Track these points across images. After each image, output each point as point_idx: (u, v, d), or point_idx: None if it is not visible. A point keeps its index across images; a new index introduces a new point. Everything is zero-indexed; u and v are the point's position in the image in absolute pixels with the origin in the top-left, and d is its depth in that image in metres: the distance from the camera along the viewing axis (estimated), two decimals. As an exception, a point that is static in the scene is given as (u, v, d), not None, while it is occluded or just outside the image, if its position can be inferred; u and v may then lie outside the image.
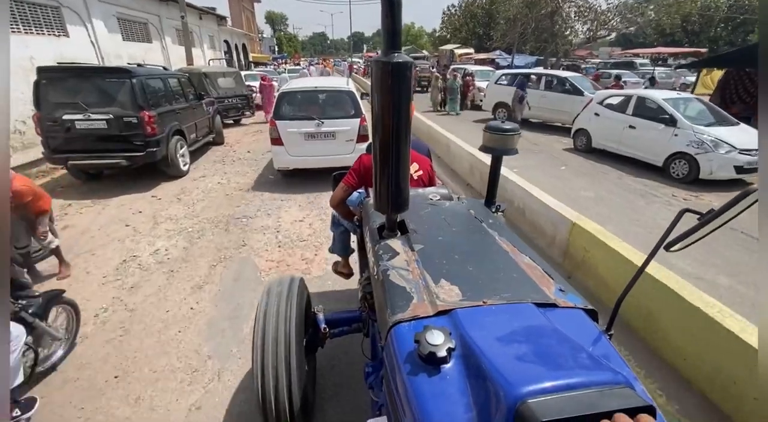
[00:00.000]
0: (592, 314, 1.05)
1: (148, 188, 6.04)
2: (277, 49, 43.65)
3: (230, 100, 10.87)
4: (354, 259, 2.87)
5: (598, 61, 30.40)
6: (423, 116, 9.12)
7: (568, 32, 19.00)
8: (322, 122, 5.70)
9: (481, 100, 13.58)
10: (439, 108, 13.92)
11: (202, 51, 16.52)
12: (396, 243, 1.37)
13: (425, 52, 37.12)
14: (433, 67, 22.00)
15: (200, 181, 6.41)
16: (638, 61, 27.81)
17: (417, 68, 20.79)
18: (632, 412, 0.62)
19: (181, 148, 6.60)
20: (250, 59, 26.77)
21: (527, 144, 8.98)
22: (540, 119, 11.13)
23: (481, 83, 14.53)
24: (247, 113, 11.80)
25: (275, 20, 75.31)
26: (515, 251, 1.32)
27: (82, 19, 8.18)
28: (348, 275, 2.89)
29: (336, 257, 2.97)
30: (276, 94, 6.94)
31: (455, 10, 34.39)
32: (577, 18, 17.40)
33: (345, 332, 2.06)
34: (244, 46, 26.57)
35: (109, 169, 6.16)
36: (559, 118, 10.58)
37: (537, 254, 1.33)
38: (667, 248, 1.03)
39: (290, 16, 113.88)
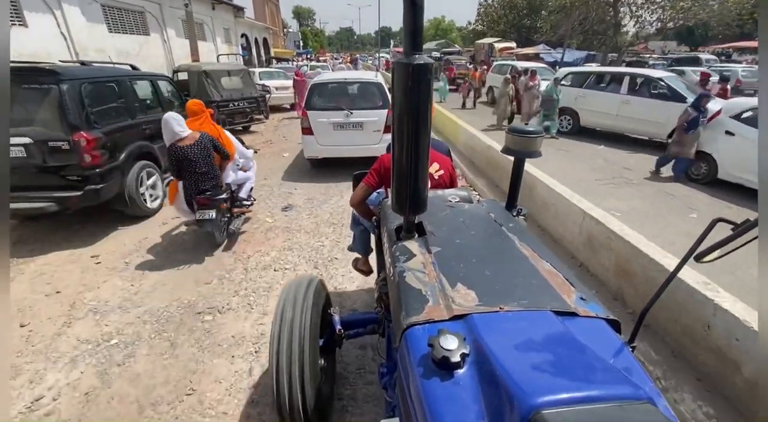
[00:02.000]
0: (615, 325, 1.00)
1: (96, 236, 4.28)
2: (302, 44, 42.08)
3: (236, 103, 9.10)
4: (374, 257, 2.65)
5: (655, 56, 27.14)
6: (485, 135, 6.82)
7: (632, 22, 16.20)
8: (351, 113, 5.82)
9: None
10: (506, 124, 10.08)
11: (215, 45, 14.91)
12: (413, 245, 1.35)
13: (458, 47, 34.61)
14: (470, 64, 19.71)
15: (171, 225, 4.59)
16: (703, 56, 24.48)
17: (453, 65, 18.61)
18: None
19: (150, 177, 4.81)
20: (272, 55, 25.19)
21: (617, 169, 6.72)
22: (619, 130, 8.75)
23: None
24: (259, 116, 9.96)
25: (302, 15, 74.02)
26: (535, 257, 1.28)
27: (49, 5, 6.57)
28: (367, 272, 2.81)
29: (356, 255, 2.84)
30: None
31: (492, 1, 31.69)
32: (647, 5, 14.64)
33: (360, 333, 2.01)
34: (265, 40, 24.99)
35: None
36: (648, 130, 8.19)
37: (558, 260, 1.29)
38: (698, 258, 0.97)
39: (317, 11, 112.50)
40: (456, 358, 0.79)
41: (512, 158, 1.79)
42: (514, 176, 1.82)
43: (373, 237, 2.59)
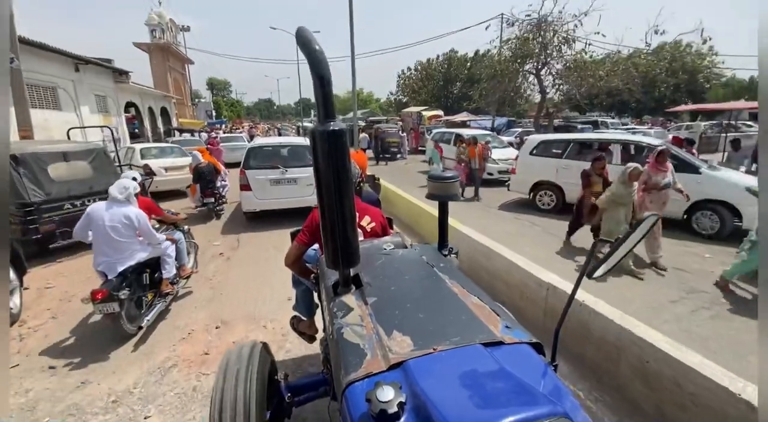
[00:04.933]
0: (537, 347, 1.08)
1: None
2: (214, 114, 38.97)
3: (78, 202, 5.63)
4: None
5: (557, 121, 29.52)
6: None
7: (553, 90, 16.65)
8: (286, 170, 6.75)
9: (507, 178, 9.71)
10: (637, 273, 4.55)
11: (79, 115, 11.24)
12: (350, 299, 1.35)
13: (381, 116, 34.73)
14: (402, 132, 18.55)
15: None
16: (609, 120, 27.18)
17: (383, 131, 17.17)
18: None
19: None
20: (175, 125, 21.72)
21: (673, 276, 4.61)
22: (618, 208, 7.10)
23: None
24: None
25: (217, 86, 71.79)
26: (465, 293, 1.34)
27: None
28: (311, 337, 2.57)
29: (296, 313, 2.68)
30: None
31: (411, 73, 32.93)
32: (570, 75, 15.03)
33: (311, 398, 1.89)
34: (165, 110, 21.58)
35: None
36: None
37: (485, 293, 1.37)
38: (590, 275, 1.15)
39: (234, 82, 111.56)
40: (393, 409, 0.79)
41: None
42: (441, 219, 1.94)
43: (316, 295, 2.42)
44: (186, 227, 4.59)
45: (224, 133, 22.81)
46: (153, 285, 3.68)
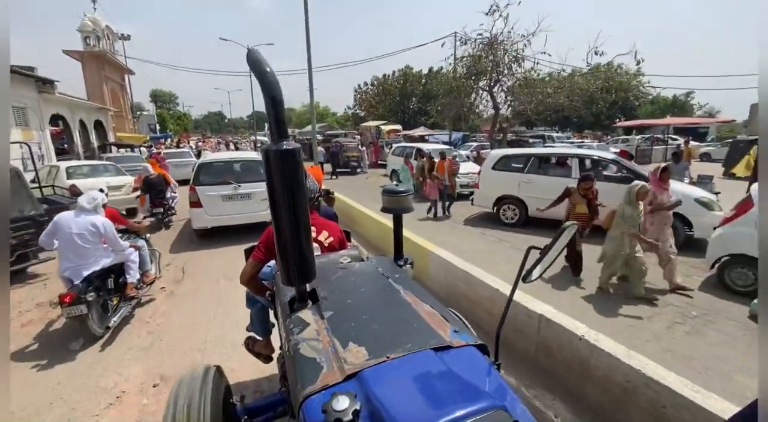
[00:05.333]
0: (483, 348, 1.15)
1: None
2: (158, 127, 36.39)
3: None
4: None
5: (510, 135, 30.94)
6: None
7: (505, 106, 17.29)
8: (239, 186, 6.63)
9: (468, 191, 9.71)
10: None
11: (-11, 130, 9.78)
12: (307, 314, 1.36)
13: (338, 129, 34.50)
14: (362, 146, 18.33)
15: None
16: (555, 135, 28.87)
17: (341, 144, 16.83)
18: None
19: None
20: (112, 140, 19.88)
21: (664, 297, 4.60)
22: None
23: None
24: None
25: (162, 98, 67.67)
26: (417, 301, 1.38)
27: None
28: (267, 357, 2.50)
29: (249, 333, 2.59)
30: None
31: (368, 88, 33.05)
32: (522, 92, 15.68)
33: (270, 418, 1.79)
34: (100, 123, 19.70)
35: None
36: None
37: (437, 300, 1.41)
38: (524, 279, 1.20)
39: (180, 95, 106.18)
40: (348, 417, 0.80)
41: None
42: (396, 232, 1.99)
43: (272, 313, 2.36)
44: (147, 235, 4.76)
45: (166, 148, 21.26)
46: (118, 290, 3.88)
